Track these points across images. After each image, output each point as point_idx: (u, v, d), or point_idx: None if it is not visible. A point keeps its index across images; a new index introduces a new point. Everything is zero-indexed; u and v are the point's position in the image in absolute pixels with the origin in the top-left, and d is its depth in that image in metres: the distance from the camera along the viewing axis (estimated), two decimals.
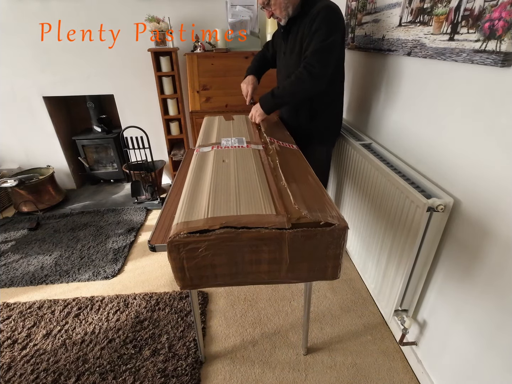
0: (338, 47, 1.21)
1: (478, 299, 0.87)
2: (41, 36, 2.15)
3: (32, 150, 2.56)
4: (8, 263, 1.81)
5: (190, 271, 0.72)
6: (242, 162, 0.99)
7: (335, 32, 1.18)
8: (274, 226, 0.66)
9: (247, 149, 1.09)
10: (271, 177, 0.90)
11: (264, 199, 0.77)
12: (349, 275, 1.68)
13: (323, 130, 1.47)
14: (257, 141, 1.19)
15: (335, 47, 1.19)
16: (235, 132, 1.28)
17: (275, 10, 1.26)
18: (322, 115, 1.43)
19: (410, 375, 1.20)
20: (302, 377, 1.20)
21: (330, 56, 1.19)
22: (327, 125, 1.47)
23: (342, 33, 1.24)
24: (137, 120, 2.50)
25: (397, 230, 1.11)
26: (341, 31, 1.22)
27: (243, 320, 1.44)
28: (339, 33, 1.20)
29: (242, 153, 1.06)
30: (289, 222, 0.68)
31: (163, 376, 1.18)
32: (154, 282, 1.67)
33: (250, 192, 0.80)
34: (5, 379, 1.19)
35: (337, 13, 1.20)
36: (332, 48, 1.18)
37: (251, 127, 1.36)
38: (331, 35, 1.16)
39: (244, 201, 0.76)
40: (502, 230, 0.78)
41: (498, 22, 0.72)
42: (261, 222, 0.67)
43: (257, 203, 0.75)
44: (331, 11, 1.19)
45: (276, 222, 0.67)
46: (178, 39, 2.24)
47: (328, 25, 1.17)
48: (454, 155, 0.93)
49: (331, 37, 1.16)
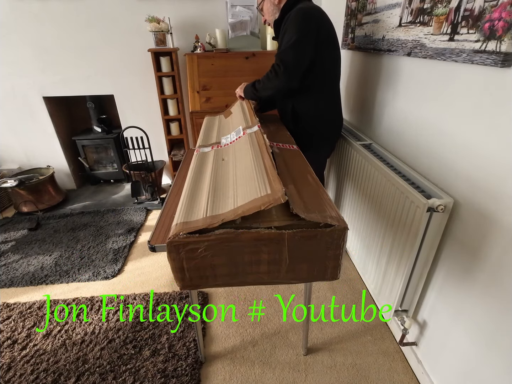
0: (307, 44, 1.19)
1: (478, 299, 0.87)
2: (41, 36, 2.15)
3: (32, 150, 2.56)
4: (8, 263, 1.81)
5: (190, 271, 0.72)
6: (240, 154, 0.96)
7: (302, 32, 1.18)
8: (269, 204, 0.64)
9: (243, 138, 1.06)
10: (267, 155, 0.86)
11: (259, 183, 0.74)
12: (349, 275, 1.68)
13: (310, 135, 1.42)
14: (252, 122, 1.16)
15: (302, 44, 1.18)
16: (234, 125, 1.26)
17: (265, 15, 1.41)
18: (306, 118, 1.39)
19: (410, 375, 1.20)
20: (302, 377, 1.20)
21: (296, 54, 1.19)
22: (310, 131, 1.41)
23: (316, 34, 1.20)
24: (137, 120, 2.50)
25: (397, 230, 1.11)
26: (311, 31, 1.19)
27: (243, 320, 1.44)
28: (308, 32, 1.19)
29: (240, 145, 1.03)
30: (284, 197, 0.65)
31: (163, 376, 1.18)
32: (154, 282, 1.67)
33: (247, 182, 0.78)
34: (5, 379, 1.19)
35: (308, 14, 1.20)
36: (297, 45, 1.18)
37: (246, 110, 1.35)
38: (296, 35, 1.18)
39: (241, 193, 0.74)
40: (502, 230, 0.78)
41: (498, 22, 0.72)
42: (256, 206, 0.65)
43: (252, 190, 0.72)
44: (300, 13, 1.20)
45: (270, 200, 0.65)
46: (178, 39, 2.24)
47: (294, 26, 1.19)
48: (454, 155, 0.93)
49: (295, 37, 1.17)
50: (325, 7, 1.31)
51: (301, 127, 1.42)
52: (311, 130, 1.42)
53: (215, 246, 0.68)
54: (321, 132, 1.44)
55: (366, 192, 1.36)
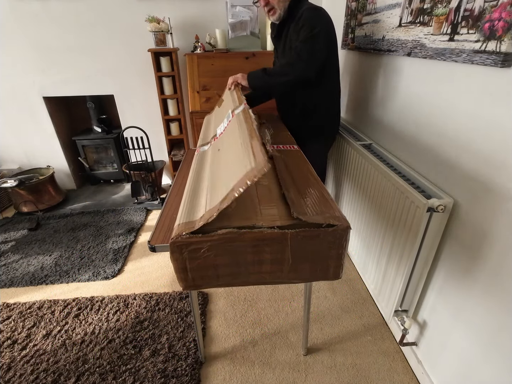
0: (324, 39, 1.23)
1: (478, 299, 0.87)
2: (41, 36, 2.14)
3: (32, 150, 2.55)
4: (8, 263, 1.81)
5: (193, 271, 0.72)
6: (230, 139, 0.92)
7: (319, 25, 1.22)
8: (254, 177, 0.60)
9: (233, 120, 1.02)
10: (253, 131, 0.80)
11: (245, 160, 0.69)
12: (349, 276, 1.68)
13: (315, 130, 1.48)
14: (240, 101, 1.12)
15: (321, 38, 1.22)
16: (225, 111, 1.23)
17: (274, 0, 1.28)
18: (313, 115, 1.44)
19: (410, 375, 1.20)
20: (302, 378, 1.20)
21: (317, 45, 1.21)
22: (320, 125, 1.48)
23: (328, 30, 1.27)
24: (137, 120, 2.49)
25: (397, 230, 1.11)
26: (325, 27, 1.25)
27: (243, 320, 1.44)
28: (324, 27, 1.24)
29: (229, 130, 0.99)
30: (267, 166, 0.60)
31: (163, 376, 1.18)
32: (154, 282, 1.67)
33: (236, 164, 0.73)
34: (5, 379, 1.19)
35: (320, 11, 1.26)
36: (317, 38, 1.21)
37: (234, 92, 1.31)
38: (315, 28, 1.21)
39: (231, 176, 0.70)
40: (502, 230, 0.78)
41: (498, 22, 0.73)
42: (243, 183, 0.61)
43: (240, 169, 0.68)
44: (312, 10, 1.25)
45: (255, 173, 0.60)
46: (178, 40, 2.24)
47: (310, 22, 1.22)
48: (454, 155, 0.94)
49: (315, 29, 1.20)
50: (325, 7, 1.31)
51: (310, 123, 1.46)
52: (321, 123, 1.48)
53: (218, 246, 0.68)
54: (329, 126, 1.51)
55: (366, 192, 1.36)
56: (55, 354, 1.28)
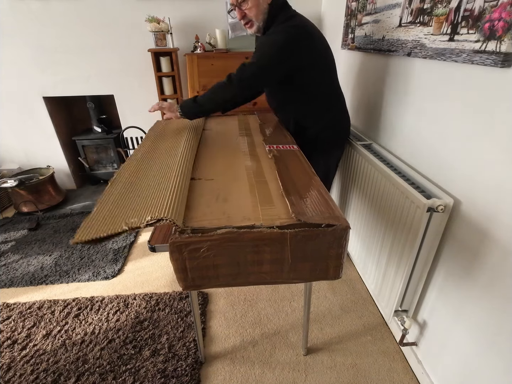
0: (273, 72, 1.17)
1: (478, 299, 0.87)
2: (41, 36, 2.14)
3: (32, 150, 2.55)
4: (8, 263, 1.81)
5: (192, 271, 0.72)
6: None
7: (276, 58, 1.13)
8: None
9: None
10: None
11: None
12: (349, 276, 1.68)
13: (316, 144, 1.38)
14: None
15: (267, 71, 1.15)
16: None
17: (251, 9, 1.15)
18: (310, 130, 1.36)
19: (410, 375, 1.20)
20: (302, 378, 1.20)
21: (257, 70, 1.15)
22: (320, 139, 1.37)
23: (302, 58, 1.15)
24: (137, 120, 2.49)
25: (397, 230, 1.11)
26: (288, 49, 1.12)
27: (243, 320, 1.44)
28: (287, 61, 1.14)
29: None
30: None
31: (163, 376, 1.18)
32: (154, 282, 1.67)
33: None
34: (5, 379, 1.19)
35: (297, 38, 1.11)
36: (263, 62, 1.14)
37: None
38: (268, 58, 1.13)
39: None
40: (502, 230, 0.78)
41: (498, 22, 0.73)
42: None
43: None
44: (289, 35, 1.10)
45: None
46: (178, 40, 2.24)
47: (273, 46, 1.12)
48: (454, 156, 0.94)
49: (265, 61, 1.14)
50: (325, 7, 1.30)
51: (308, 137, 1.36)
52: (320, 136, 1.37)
53: (218, 245, 0.68)
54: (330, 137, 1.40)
55: (365, 192, 1.36)
56: (55, 354, 1.28)
